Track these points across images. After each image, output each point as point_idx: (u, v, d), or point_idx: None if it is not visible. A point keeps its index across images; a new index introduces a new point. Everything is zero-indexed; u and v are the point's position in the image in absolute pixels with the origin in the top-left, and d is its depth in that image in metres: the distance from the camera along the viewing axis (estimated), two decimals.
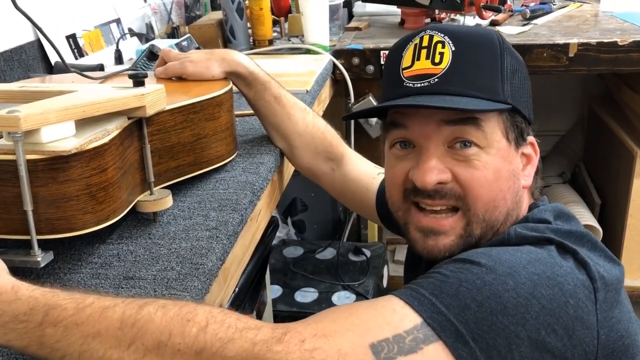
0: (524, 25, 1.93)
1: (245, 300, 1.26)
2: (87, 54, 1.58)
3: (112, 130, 0.73)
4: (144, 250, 0.76)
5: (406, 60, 0.78)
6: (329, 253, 2.02)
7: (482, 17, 1.90)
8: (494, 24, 1.93)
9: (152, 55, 1.23)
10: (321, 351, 0.57)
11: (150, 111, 0.78)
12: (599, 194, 2.21)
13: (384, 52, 1.73)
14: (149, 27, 1.90)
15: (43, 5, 1.43)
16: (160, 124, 0.83)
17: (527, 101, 0.80)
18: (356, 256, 1.99)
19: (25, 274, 0.70)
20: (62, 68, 1.24)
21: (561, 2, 2.26)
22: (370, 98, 1.77)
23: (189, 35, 1.66)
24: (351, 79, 1.72)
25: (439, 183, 0.74)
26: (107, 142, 0.70)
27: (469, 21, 1.94)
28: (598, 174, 2.30)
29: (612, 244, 2.02)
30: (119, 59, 1.63)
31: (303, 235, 2.29)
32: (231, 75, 1.03)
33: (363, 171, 1.10)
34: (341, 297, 1.80)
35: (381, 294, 0.73)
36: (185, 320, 0.56)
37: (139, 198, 0.80)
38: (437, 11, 2.00)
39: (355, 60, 1.75)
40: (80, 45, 1.56)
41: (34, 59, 1.39)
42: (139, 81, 0.79)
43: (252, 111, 1.10)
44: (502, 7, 1.85)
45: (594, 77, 2.44)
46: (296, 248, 2.08)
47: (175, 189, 0.87)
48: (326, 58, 1.68)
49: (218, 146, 0.94)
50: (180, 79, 1.02)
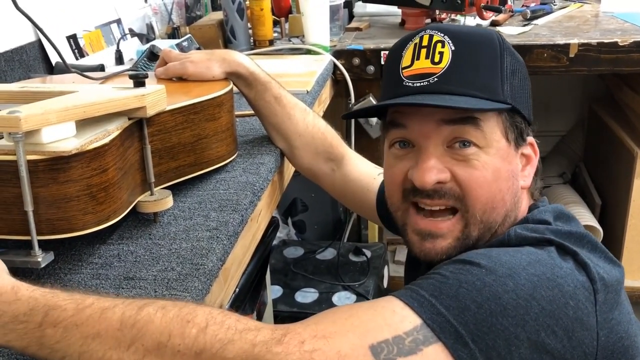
0: (524, 25, 1.92)
1: (246, 301, 1.27)
2: (87, 55, 1.58)
3: (112, 130, 0.73)
4: (144, 250, 0.76)
5: (406, 59, 0.77)
6: (329, 253, 2.02)
7: (482, 18, 1.90)
8: (494, 24, 1.93)
9: (152, 55, 1.23)
10: (321, 352, 0.57)
11: (151, 112, 0.78)
12: (600, 194, 2.21)
13: (385, 52, 1.73)
14: (150, 27, 1.90)
15: (44, 6, 1.43)
16: (161, 125, 0.83)
17: (527, 101, 0.79)
18: (356, 256, 1.99)
19: (26, 274, 0.70)
20: (63, 68, 1.25)
21: (562, 2, 2.26)
22: (370, 98, 1.76)
23: (189, 35, 1.65)
24: (352, 80, 1.72)
25: (438, 183, 0.74)
26: (107, 143, 0.70)
27: (470, 22, 1.94)
28: (598, 175, 2.30)
29: (613, 245, 2.02)
30: (119, 60, 1.63)
31: (303, 235, 2.29)
32: (232, 76, 1.03)
33: (363, 171, 1.10)
34: (341, 297, 1.80)
35: (381, 295, 0.72)
36: (185, 321, 0.56)
37: (139, 198, 0.80)
38: (437, 12, 2.00)
39: (356, 60, 1.75)
40: (81, 45, 1.56)
41: (34, 60, 1.39)
42: (139, 82, 0.79)
43: (252, 112, 1.10)
44: (503, 8, 1.85)
45: (595, 77, 2.44)
46: (296, 248, 2.08)
47: (175, 190, 0.87)
48: (327, 58, 1.68)
49: (218, 147, 0.94)
50: (181, 79, 1.02)
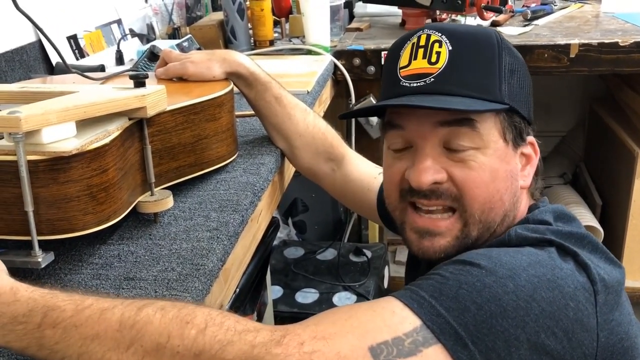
0: (525, 26, 1.92)
1: (246, 301, 1.27)
2: (88, 55, 1.58)
3: (113, 131, 0.73)
4: (144, 250, 0.76)
5: (403, 59, 0.77)
6: (329, 254, 2.02)
7: (483, 18, 1.90)
8: (495, 24, 1.93)
9: (153, 56, 1.23)
10: (320, 354, 0.57)
11: (151, 112, 0.78)
12: (600, 194, 2.21)
13: (385, 52, 1.73)
14: (150, 27, 1.90)
15: (44, 6, 1.43)
16: (161, 125, 0.83)
17: (526, 101, 0.79)
18: (357, 257, 1.99)
19: (26, 274, 0.70)
20: (63, 69, 1.25)
21: (562, 2, 2.26)
22: (370, 99, 1.76)
23: (189, 35, 1.65)
24: (352, 80, 1.72)
25: (435, 183, 0.74)
26: (108, 143, 0.70)
27: (470, 22, 1.94)
28: (599, 175, 2.30)
29: (614, 245, 2.01)
30: (119, 60, 1.63)
31: (304, 235, 2.29)
32: (232, 76, 1.03)
33: (364, 171, 1.10)
34: (342, 297, 1.80)
35: (382, 295, 0.72)
36: (184, 322, 0.56)
37: (139, 199, 0.81)
38: (438, 12, 1.99)
39: (356, 61, 1.75)
40: (81, 46, 1.56)
41: (35, 60, 1.39)
42: (139, 82, 0.79)
43: (252, 112, 1.10)
44: (503, 8, 1.85)
45: (595, 77, 2.43)
46: (297, 249, 2.08)
47: (176, 190, 0.87)
48: (327, 59, 1.68)
49: (219, 147, 0.94)
50: (181, 79, 1.02)
